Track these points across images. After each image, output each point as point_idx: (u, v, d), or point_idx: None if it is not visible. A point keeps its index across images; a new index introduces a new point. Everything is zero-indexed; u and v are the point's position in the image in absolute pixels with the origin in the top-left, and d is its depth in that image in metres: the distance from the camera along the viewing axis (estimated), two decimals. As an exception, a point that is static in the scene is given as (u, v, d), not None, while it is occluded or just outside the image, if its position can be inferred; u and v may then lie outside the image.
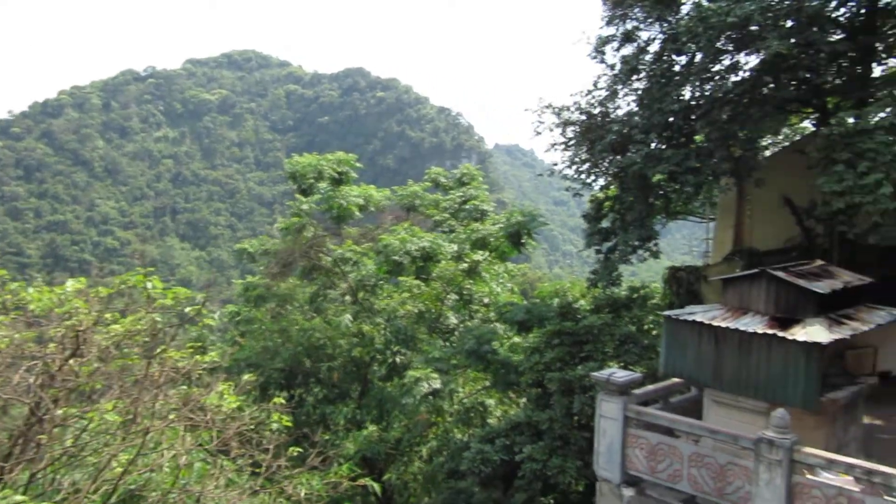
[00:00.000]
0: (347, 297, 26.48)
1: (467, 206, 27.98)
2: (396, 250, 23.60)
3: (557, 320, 18.55)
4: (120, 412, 8.61)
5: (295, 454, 11.35)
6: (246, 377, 13.36)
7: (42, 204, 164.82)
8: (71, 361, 8.41)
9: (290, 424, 12.21)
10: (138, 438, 8.31)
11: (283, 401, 12.21)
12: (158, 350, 9.61)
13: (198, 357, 11.10)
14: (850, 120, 13.25)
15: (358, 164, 28.16)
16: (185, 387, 11.01)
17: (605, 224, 19.11)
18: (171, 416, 9.30)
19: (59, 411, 7.94)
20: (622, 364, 15.93)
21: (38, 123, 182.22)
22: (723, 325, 11.06)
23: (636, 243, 17.36)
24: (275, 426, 11.50)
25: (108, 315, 9.28)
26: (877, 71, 17.86)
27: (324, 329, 24.18)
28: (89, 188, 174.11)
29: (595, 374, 12.36)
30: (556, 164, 19.57)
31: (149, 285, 9.55)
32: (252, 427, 10.73)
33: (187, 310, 11.33)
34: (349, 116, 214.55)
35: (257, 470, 10.07)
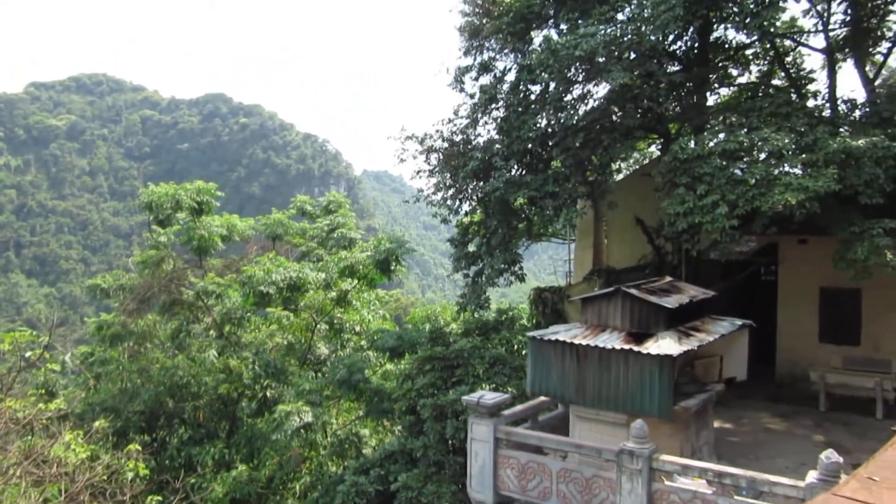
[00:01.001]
0: (212, 332, 25.37)
1: (335, 235, 27.71)
2: (262, 281, 22.93)
3: (429, 345, 18.63)
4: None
5: (155, 502, 10.68)
6: (98, 423, 12.44)
7: None
8: None
9: (148, 472, 11.49)
10: (-30, 501, 7.58)
11: (139, 447, 11.50)
12: (-6, 401, 8.83)
13: (41, 405, 10.28)
14: (691, 145, 14.29)
15: (220, 193, 27.22)
16: (28, 437, 10.18)
17: (471, 248, 19.47)
18: (12, 472, 8.56)
19: None
20: (493, 386, 16.20)
21: None
22: (583, 342, 11.51)
23: (502, 266, 17.78)
24: (131, 474, 10.80)
25: (-67, 366, 8.47)
26: (711, 100, 19.52)
27: (187, 366, 22.99)
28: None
29: (465, 397, 12.50)
30: (421, 191, 19.79)
31: (-19, 331, 8.77)
32: (106, 477, 10.02)
33: (28, 354, 10.48)
34: (211, 143, 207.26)
35: (112, 524, 9.41)
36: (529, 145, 16.98)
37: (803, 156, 13.24)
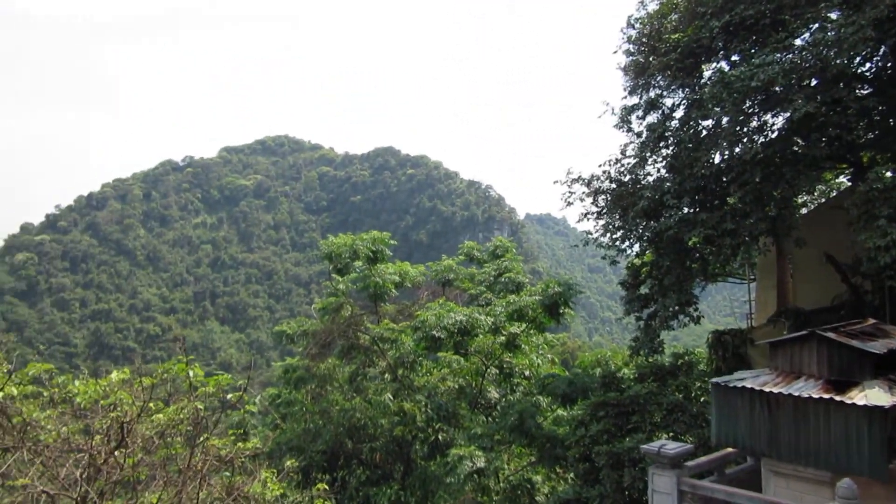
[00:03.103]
0: (387, 375, 26.33)
1: (503, 279, 27.98)
2: (433, 326, 23.52)
3: (601, 391, 18.14)
4: (164, 503, 8.58)
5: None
6: (288, 463, 13.21)
7: (87, 294, 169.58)
8: (116, 453, 8.45)
9: (333, 511, 12.00)
10: (184, 530, 8.24)
11: (325, 486, 12.05)
12: (201, 438, 9.60)
13: (240, 444, 11.05)
14: (888, 174, 13.04)
15: (392, 241, 28.49)
16: (228, 474, 10.94)
17: (643, 290, 18.86)
18: (217, 506, 9.20)
19: (106, 504, 7.94)
20: (671, 434, 15.43)
21: (83, 216, 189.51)
22: (775, 390, 10.67)
23: (676, 308, 17.06)
24: (319, 513, 11.32)
25: (151, 405, 9.37)
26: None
27: (364, 409, 23.97)
28: (132, 276, 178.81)
29: (644, 446, 11.95)
30: (589, 233, 19.55)
31: (190, 373, 9.63)
32: (298, 515, 10.55)
33: (229, 396, 11.36)
34: (381, 194, 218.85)
35: (303, 559, 9.86)
36: (702, 182, 16.28)
37: None
